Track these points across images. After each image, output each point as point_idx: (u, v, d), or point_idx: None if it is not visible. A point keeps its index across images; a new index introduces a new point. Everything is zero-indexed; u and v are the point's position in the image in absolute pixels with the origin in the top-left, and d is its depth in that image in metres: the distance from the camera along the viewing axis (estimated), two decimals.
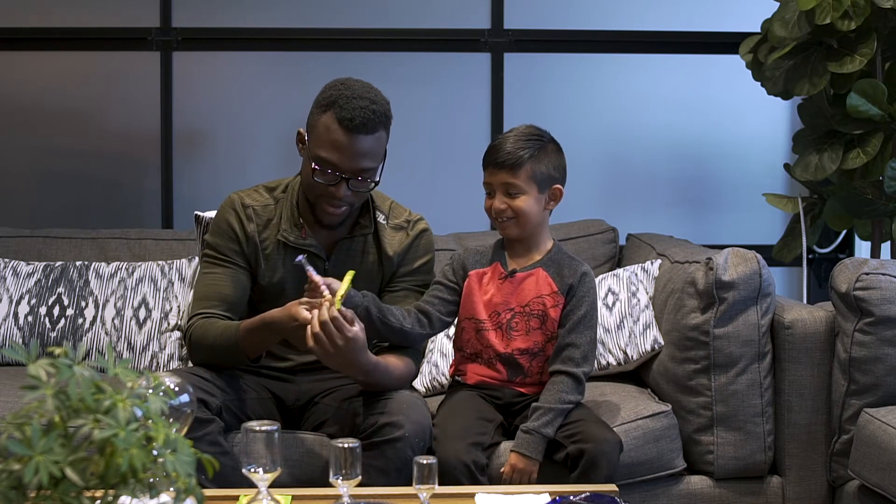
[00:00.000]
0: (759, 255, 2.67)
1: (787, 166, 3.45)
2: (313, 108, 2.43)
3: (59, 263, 3.16)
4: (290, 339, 2.32)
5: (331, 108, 2.37)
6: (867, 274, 2.55)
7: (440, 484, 1.92)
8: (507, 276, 2.54)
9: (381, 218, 2.56)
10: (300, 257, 2.31)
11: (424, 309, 2.52)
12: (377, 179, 2.45)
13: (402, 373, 2.44)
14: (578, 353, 2.46)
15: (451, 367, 2.66)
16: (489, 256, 2.59)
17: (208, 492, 1.77)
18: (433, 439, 2.35)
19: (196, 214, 2.96)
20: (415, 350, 2.53)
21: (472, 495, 2.06)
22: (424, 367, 2.93)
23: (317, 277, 2.28)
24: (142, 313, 3.04)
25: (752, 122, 3.78)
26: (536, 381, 2.53)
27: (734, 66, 3.50)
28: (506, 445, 2.47)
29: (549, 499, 2.01)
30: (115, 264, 3.16)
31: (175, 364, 2.95)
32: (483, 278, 2.57)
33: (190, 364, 2.88)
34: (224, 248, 2.51)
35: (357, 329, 2.24)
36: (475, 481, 2.28)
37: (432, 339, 2.94)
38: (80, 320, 3.04)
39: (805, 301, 3.45)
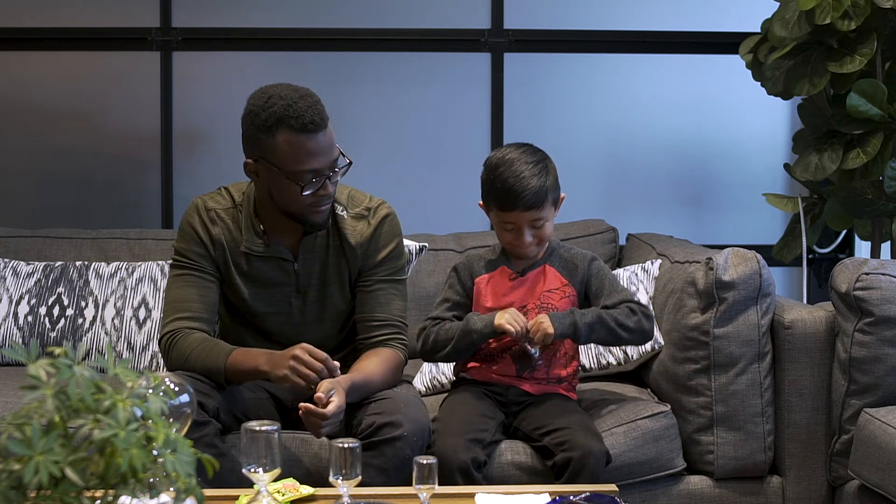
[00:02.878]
0: (759, 255, 2.67)
1: (787, 166, 3.45)
2: (255, 134, 2.37)
3: (59, 263, 3.16)
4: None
5: (281, 124, 2.33)
6: (867, 274, 2.55)
7: (438, 479, 1.92)
8: (518, 276, 2.56)
9: (339, 209, 2.53)
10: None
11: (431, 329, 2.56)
12: (348, 161, 2.44)
13: (383, 377, 2.43)
14: (633, 303, 2.53)
15: (455, 366, 2.67)
16: (494, 261, 2.60)
17: (208, 492, 1.77)
18: (433, 434, 2.36)
19: None
20: (396, 339, 2.52)
21: (472, 495, 2.07)
22: (424, 367, 2.93)
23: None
24: (142, 313, 3.04)
25: (752, 122, 3.78)
26: (543, 378, 2.53)
27: (734, 66, 3.50)
28: (506, 444, 2.47)
29: (548, 499, 2.01)
30: (115, 264, 3.16)
31: None
32: (490, 282, 2.58)
33: None
34: (190, 252, 2.49)
35: (333, 408, 2.22)
36: (471, 478, 2.29)
37: None
38: (80, 320, 3.04)
39: (805, 301, 3.45)
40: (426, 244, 3.14)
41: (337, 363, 2.29)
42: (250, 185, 2.54)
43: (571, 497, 1.97)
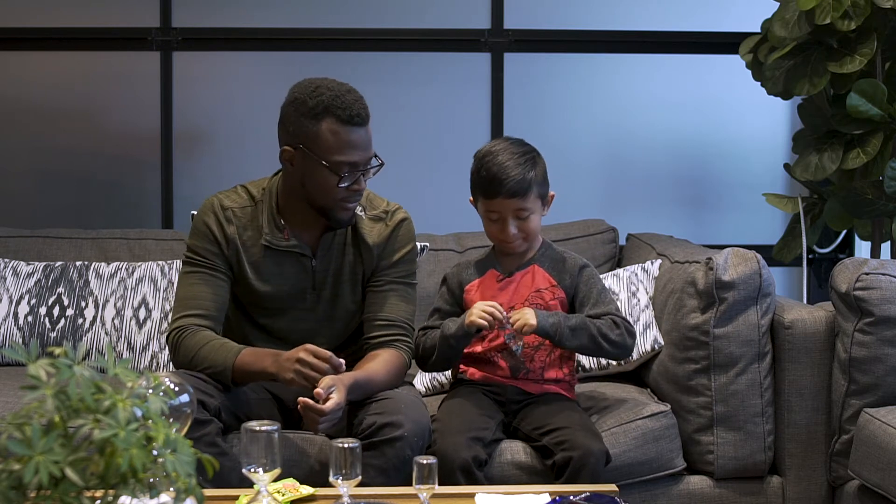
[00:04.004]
0: (759, 255, 2.67)
1: (787, 166, 3.45)
2: (299, 120, 2.40)
3: (59, 263, 3.16)
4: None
5: (328, 114, 2.37)
6: (867, 274, 2.55)
7: (440, 478, 1.92)
8: (506, 277, 2.57)
9: (358, 210, 2.55)
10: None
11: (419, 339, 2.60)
12: (381, 162, 2.47)
13: (386, 377, 2.44)
14: (618, 316, 2.53)
15: (453, 367, 2.68)
16: (482, 265, 2.61)
17: (208, 492, 1.77)
18: (433, 433, 2.36)
19: (192, 214, 2.96)
20: (401, 341, 2.53)
21: (472, 495, 2.07)
22: None
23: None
24: (142, 313, 3.04)
25: (752, 122, 3.78)
26: (539, 378, 2.54)
27: (734, 66, 3.50)
28: (506, 444, 2.47)
29: (549, 499, 2.01)
30: (115, 264, 3.16)
31: None
32: (480, 287, 2.59)
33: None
34: (203, 250, 2.50)
35: (332, 405, 2.24)
36: (473, 477, 2.29)
37: None
38: (80, 320, 3.04)
39: (805, 301, 3.45)
40: (427, 244, 3.14)
41: (342, 361, 2.30)
42: (272, 181, 2.56)
43: (571, 497, 1.97)
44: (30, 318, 3.04)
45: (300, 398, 2.25)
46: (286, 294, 2.52)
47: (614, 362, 2.90)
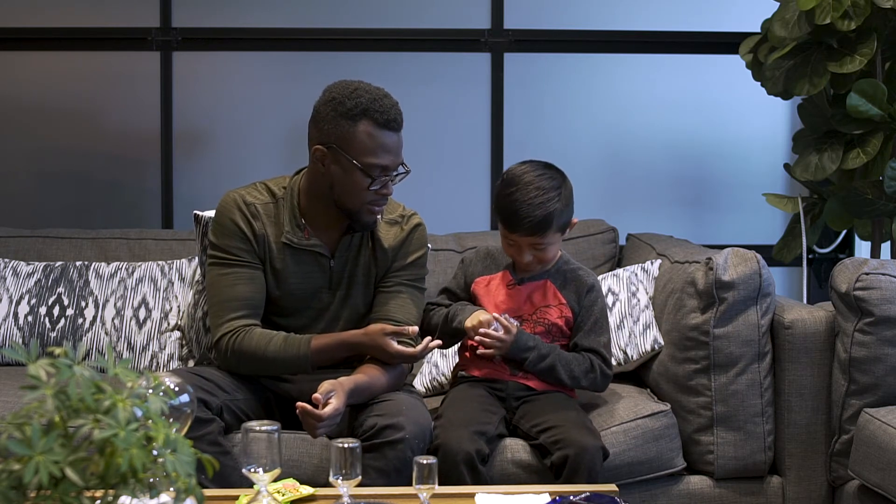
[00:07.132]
0: (759, 255, 2.67)
1: (787, 166, 3.45)
2: (336, 120, 2.41)
3: (59, 263, 3.16)
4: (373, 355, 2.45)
5: (365, 116, 2.40)
6: (867, 274, 2.55)
7: (441, 471, 1.92)
8: (515, 284, 2.57)
9: None
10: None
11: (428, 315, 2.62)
12: (407, 169, 2.50)
13: (387, 381, 2.44)
14: (599, 358, 2.56)
15: (454, 367, 2.68)
16: (498, 261, 2.62)
17: (208, 492, 1.77)
18: (436, 428, 2.36)
19: (195, 214, 2.96)
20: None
21: (472, 495, 2.07)
22: (424, 367, 2.93)
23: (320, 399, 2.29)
24: (142, 313, 3.04)
25: (752, 122, 3.78)
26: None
27: (734, 66, 3.50)
28: (507, 442, 2.48)
29: (549, 499, 2.01)
30: (115, 264, 3.16)
31: (175, 364, 2.95)
32: (490, 284, 2.59)
33: (190, 364, 2.89)
34: (234, 248, 2.49)
35: (330, 410, 2.24)
36: (475, 471, 2.29)
37: None
38: (80, 320, 3.04)
39: (805, 301, 3.45)
40: (428, 244, 3.14)
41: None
42: (293, 179, 2.57)
43: (571, 497, 1.98)
44: (30, 318, 3.04)
45: (298, 403, 2.24)
46: (302, 293, 2.53)
47: (614, 362, 2.90)
